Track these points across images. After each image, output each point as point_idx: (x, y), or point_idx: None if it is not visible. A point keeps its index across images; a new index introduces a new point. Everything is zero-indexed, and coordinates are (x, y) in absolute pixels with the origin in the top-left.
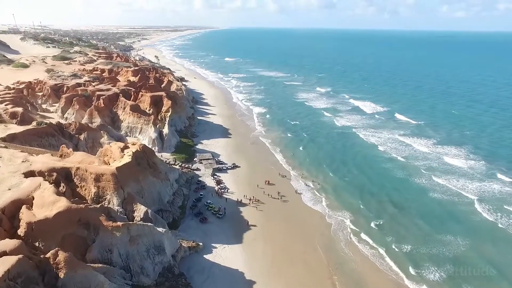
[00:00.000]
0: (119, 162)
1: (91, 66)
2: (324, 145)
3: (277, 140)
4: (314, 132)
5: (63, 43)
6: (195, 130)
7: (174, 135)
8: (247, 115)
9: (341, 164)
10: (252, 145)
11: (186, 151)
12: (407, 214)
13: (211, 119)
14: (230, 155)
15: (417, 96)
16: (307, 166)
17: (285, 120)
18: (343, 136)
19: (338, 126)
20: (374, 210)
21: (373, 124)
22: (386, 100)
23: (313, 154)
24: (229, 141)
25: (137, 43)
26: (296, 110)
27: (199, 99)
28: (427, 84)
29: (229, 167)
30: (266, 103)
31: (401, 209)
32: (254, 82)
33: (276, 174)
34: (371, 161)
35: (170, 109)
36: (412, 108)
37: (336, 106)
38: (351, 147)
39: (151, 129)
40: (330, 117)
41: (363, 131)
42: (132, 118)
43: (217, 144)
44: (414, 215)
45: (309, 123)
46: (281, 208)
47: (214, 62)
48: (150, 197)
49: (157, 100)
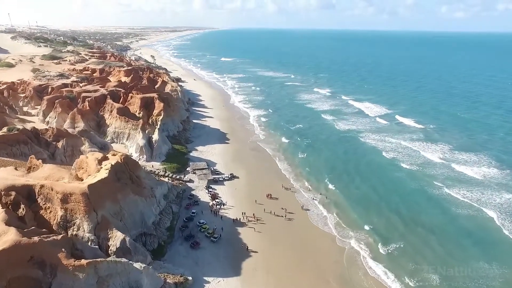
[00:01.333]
0: (93, 177)
1: (82, 65)
2: (327, 152)
3: (278, 146)
4: (316, 137)
5: (57, 42)
6: (190, 135)
7: (165, 141)
8: (246, 118)
9: (347, 173)
10: (251, 152)
11: (178, 159)
12: (426, 234)
13: (207, 122)
14: (227, 164)
15: (419, 97)
16: (312, 176)
17: (285, 123)
18: (346, 141)
19: (340, 130)
20: (389, 229)
21: (376, 128)
22: (387, 102)
23: (317, 162)
24: (226, 147)
25: (134, 43)
26: (296, 112)
27: (196, 101)
28: (428, 84)
29: (226, 178)
30: (265, 105)
31: (419, 229)
32: (253, 82)
33: (278, 186)
34: (377, 170)
35: (162, 112)
36: (415, 110)
37: (337, 108)
38: (355, 153)
39: (139, 135)
40: (332, 120)
41: (365, 136)
42: (119, 123)
43: (214, 151)
44: (431, 235)
45: (311, 126)
46: (285, 229)
47: (212, 62)
48: (131, 219)
49: (148, 103)
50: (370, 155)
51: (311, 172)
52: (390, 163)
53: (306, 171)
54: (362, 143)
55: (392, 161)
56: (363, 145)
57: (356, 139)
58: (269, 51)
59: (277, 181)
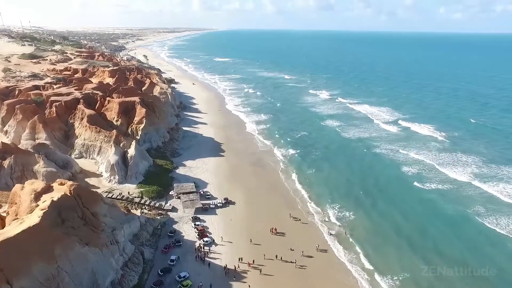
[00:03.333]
0: (19, 224)
1: (64, 65)
2: (338, 166)
3: (281, 160)
4: (324, 147)
5: (44, 41)
6: (178, 147)
7: (144, 156)
8: (244, 125)
9: (366, 194)
10: (251, 168)
11: (160, 180)
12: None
13: (200, 130)
14: (221, 184)
15: (423, 99)
16: (324, 198)
17: (288, 131)
18: (358, 152)
19: (349, 138)
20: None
21: (387, 136)
22: (391, 104)
23: (329, 179)
24: (221, 161)
25: (131, 44)
26: (299, 117)
27: (189, 105)
28: (430, 85)
29: (219, 204)
30: (265, 109)
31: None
32: (252, 84)
33: (285, 214)
34: (400, 189)
35: (144, 120)
36: (423, 114)
37: (341, 112)
38: (371, 168)
39: (111, 149)
40: (338, 126)
41: (377, 146)
42: (89, 133)
43: (205, 167)
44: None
45: (316, 134)
46: (298, 281)
47: (209, 62)
48: (75, 283)
49: (128, 108)
50: (387, 170)
51: (323, 193)
52: (413, 180)
53: (317, 192)
54: (375, 154)
55: (415, 178)
56: (377, 158)
57: (368, 150)
58: (269, 52)
59: (283, 207)
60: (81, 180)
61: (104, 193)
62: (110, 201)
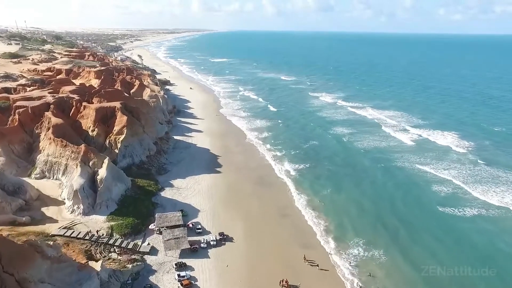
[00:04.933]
0: None
1: (47, 65)
2: (358, 184)
3: (290, 176)
4: (338, 160)
5: (34, 40)
6: (167, 161)
7: (120, 178)
8: (244, 133)
9: (397, 221)
10: (253, 188)
11: (138, 208)
12: None
13: (194, 139)
14: (216, 212)
15: (428, 102)
16: (347, 231)
17: (295, 139)
18: (376, 167)
19: (363, 150)
20: None
21: (404, 148)
22: (405, 109)
23: (349, 202)
24: (217, 179)
25: (129, 44)
26: (306, 123)
27: (184, 109)
28: (435, 86)
29: (212, 242)
30: (267, 114)
31: None
32: (253, 85)
33: (298, 256)
34: (437, 216)
35: (125, 130)
36: (438, 120)
37: (349, 118)
38: (397, 187)
39: (77, 170)
40: (349, 135)
41: (396, 159)
42: (53, 147)
43: (198, 187)
44: None
45: (327, 144)
46: None
47: (208, 63)
48: None
49: (107, 115)
50: (413, 191)
51: (343, 222)
52: (451, 205)
53: (336, 220)
54: (394, 170)
55: (444, 202)
56: (397, 175)
57: (385, 164)
58: (269, 52)
59: (294, 244)
60: (36, 209)
61: (60, 230)
62: (56, 252)
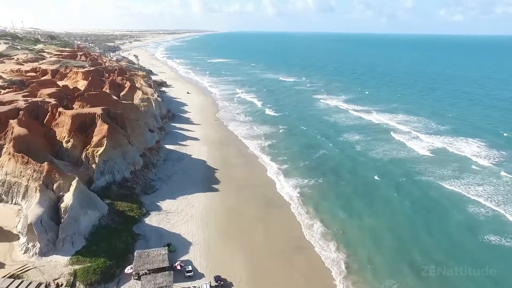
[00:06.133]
0: None
1: (32, 65)
2: (379, 206)
3: (301, 195)
4: (351, 175)
5: (26, 40)
6: (155, 176)
7: (91, 204)
8: (246, 140)
9: (439, 261)
10: (257, 211)
11: (113, 243)
12: None
13: (190, 148)
14: (212, 244)
15: (435, 105)
16: (379, 272)
17: (302, 149)
18: (395, 183)
19: (379, 161)
20: None
21: (421, 159)
22: (412, 113)
23: (373, 230)
24: (214, 200)
25: (127, 44)
26: (310, 130)
27: (179, 113)
28: (440, 88)
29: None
30: (269, 118)
31: None
32: (253, 87)
33: None
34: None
35: (105, 141)
36: (450, 126)
37: (357, 123)
38: (433, 209)
39: (36, 195)
40: (359, 143)
41: (415, 173)
42: (12, 164)
43: (190, 211)
44: None
45: (335, 155)
46: None
47: (207, 64)
48: None
49: (86, 123)
50: (446, 214)
51: (370, 258)
52: (488, 232)
53: (360, 256)
54: (416, 186)
55: (485, 226)
56: (420, 191)
57: (406, 179)
58: (270, 53)
59: None
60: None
61: (3, 281)
62: None
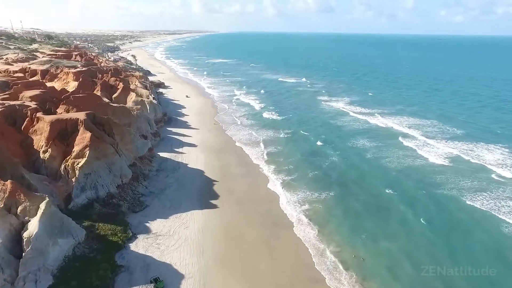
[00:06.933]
0: None
1: (22, 65)
2: (405, 224)
3: (309, 212)
4: (359, 187)
5: (22, 39)
6: (146, 190)
7: (63, 230)
8: (247, 148)
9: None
10: (261, 232)
11: (87, 279)
12: None
13: (186, 156)
14: (208, 281)
15: (445, 108)
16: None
17: (308, 157)
18: (419, 195)
19: (388, 170)
20: None
21: (442, 170)
22: (419, 116)
23: (395, 260)
24: (211, 220)
25: (127, 45)
26: (317, 135)
27: (176, 116)
28: (460, 91)
29: None
30: (272, 122)
31: None
32: (254, 88)
33: None
34: None
35: (87, 151)
36: (462, 130)
37: (364, 128)
38: (455, 228)
39: None
40: (368, 150)
41: (438, 186)
42: None
43: (184, 234)
44: None
45: (348, 163)
46: None
47: (208, 64)
48: None
49: (67, 131)
50: None
51: None
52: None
53: None
54: (446, 204)
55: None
56: (454, 213)
57: (427, 192)
58: (271, 53)
59: None
60: None
61: None
62: None
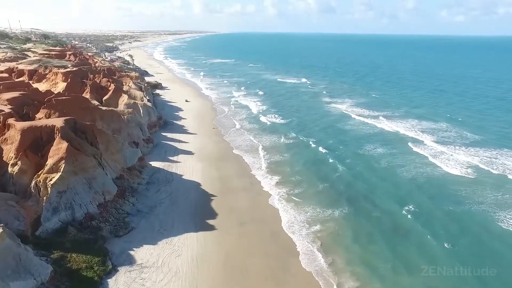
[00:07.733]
0: None
1: (9, 65)
2: (427, 251)
3: (317, 236)
4: (376, 202)
5: (16, 39)
6: (132, 208)
7: (19, 268)
8: (248, 156)
9: None
10: (266, 263)
11: None
12: None
13: (181, 166)
14: None
15: (454, 110)
16: None
17: (311, 165)
18: (439, 214)
19: (405, 181)
20: None
21: (461, 182)
22: (428, 119)
23: None
24: (208, 246)
25: (127, 45)
26: (320, 141)
27: (173, 119)
28: (466, 92)
29: None
30: (274, 127)
31: None
32: (255, 90)
33: None
34: None
35: (63, 165)
36: (477, 135)
37: (369, 132)
38: (486, 257)
39: None
40: (376, 158)
41: (468, 203)
42: None
43: (175, 265)
44: None
45: (355, 174)
46: None
47: (207, 65)
48: None
49: (42, 140)
50: None
51: None
52: None
53: None
54: (470, 224)
55: None
56: (481, 237)
57: (452, 213)
58: (272, 53)
59: None
60: None
61: None
62: None
